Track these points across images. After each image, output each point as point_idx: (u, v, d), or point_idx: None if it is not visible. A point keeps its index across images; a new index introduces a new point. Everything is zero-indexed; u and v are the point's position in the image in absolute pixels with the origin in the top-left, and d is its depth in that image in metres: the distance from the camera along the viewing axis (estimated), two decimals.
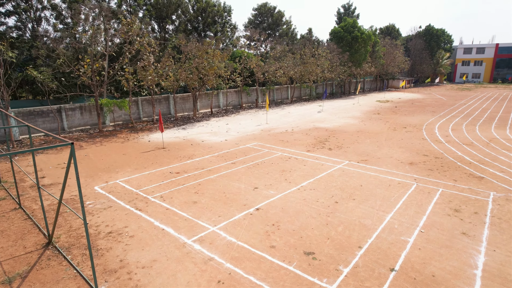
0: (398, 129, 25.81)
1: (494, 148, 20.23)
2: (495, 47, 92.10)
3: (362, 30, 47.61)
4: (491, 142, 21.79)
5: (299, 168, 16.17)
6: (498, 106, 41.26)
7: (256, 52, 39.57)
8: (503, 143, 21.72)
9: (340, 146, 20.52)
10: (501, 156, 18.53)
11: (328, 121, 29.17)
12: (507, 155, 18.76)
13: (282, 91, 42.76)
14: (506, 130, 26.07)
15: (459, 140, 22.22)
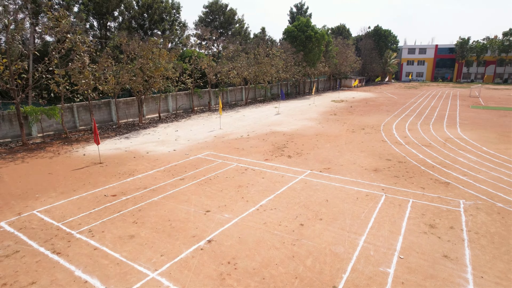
0: (357, 131, 25.05)
1: (451, 149, 19.95)
2: (434, 48, 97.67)
3: (316, 29, 47.18)
4: (447, 142, 21.61)
5: (257, 182, 14.38)
6: (444, 104, 42.72)
7: (208, 52, 37.29)
8: (458, 143, 21.63)
9: (300, 152, 19.08)
10: (460, 157, 18.17)
11: (285, 124, 27.80)
12: (465, 156, 18.47)
13: (236, 93, 40.90)
14: (457, 128, 26.37)
15: (417, 141, 21.81)
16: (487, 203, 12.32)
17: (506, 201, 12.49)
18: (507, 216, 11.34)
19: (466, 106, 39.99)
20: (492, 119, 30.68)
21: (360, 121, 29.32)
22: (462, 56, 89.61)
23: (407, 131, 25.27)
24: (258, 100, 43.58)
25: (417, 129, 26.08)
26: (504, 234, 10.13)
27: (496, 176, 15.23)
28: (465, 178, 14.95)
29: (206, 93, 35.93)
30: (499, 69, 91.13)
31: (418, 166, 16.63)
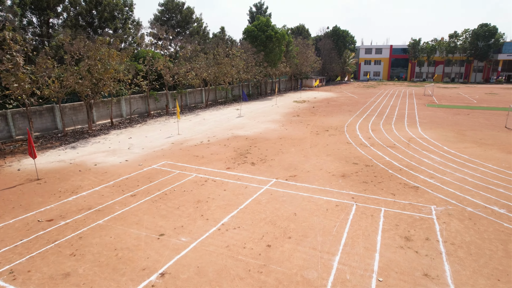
0: (321, 133, 24.46)
1: (415, 150, 19.82)
2: (389, 48, 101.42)
3: (276, 29, 46.53)
4: (410, 143, 21.55)
5: (218, 195, 13.05)
6: (402, 103, 43.77)
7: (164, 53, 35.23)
8: (420, 143, 21.64)
9: (264, 158, 17.99)
10: (425, 158, 18.00)
11: (247, 127, 26.64)
12: (429, 156, 18.35)
13: (195, 95, 39.14)
14: (418, 128, 26.66)
15: (382, 142, 21.55)
16: (457, 208, 11.91)
17: (475, 205, 12.17)
18: (478, 221, 10.94)
19: (422, 105, 41.18)
20: (448, 118, 31.54)
21: (324, 122, 28.87)
22: (415, 56, 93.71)
23: (371, 131, 25.09)
24: (219, 102, 42.11)
25: (380, 129, 26.01)
26: (479, 243, 9.63)
27: (461, 177, 15.06)
28: (433, 181, 14.61)
29: (163, 96, 33.90)
30: (447, 69, 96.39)
31: (385, 169, 16.14)
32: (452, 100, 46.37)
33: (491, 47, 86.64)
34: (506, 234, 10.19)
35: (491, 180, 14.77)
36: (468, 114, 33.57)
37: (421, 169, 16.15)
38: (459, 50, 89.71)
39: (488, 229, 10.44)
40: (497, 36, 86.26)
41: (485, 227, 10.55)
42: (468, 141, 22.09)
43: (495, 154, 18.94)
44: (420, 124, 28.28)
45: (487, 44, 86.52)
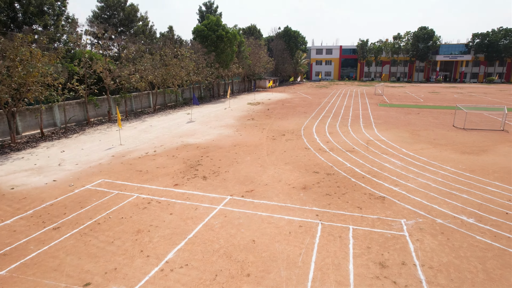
0: (278, 138, 23.16)
1: (375, 153, 19.16)
2: (339, 49, 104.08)
3: (227, 28, 44.76)
4: (369, 146, 20.94)
5: (163, 221, 11.05)
6: (355, 103, 44.13)
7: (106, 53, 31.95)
8: (379, 145, 21.13)
9: (217, 171, 16.19)
10: (386, 163, 17.31)
11: (199, 134, 24.63)
12: (389, 160, 17.72)
13: (142, 99, 36.18)
14: (374, 129, 26.39)
15: (341, 146, 20.69)
16: (427, 220, 11.04)
17: (444, 215, 11.39)
18: (451, 236, 10.09)
19: (375, 105, 41.74)
20: (400, 117, 31.89)
21: (280, 126, 27.66)
22: (363, 56, 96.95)
23: (328, 134, 24.27)
24: (169, 106, 39.44)
25: (337, 132, 25.31)
26: (457, 263, 8.68)
27: (424, 183, 14.41)
28: (398, 189, 13.78)
29: (105, 101, 30.69)
30: (393, 69, 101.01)
31: (348, 177, 15.09)
32: (401, 99, 47.76)
33: (430, 48, 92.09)
34: (481, 249, 9.38)
35: (453, 184, 14.28)
36: (418, 113, 34.31)
37: (384, 176, 15.33)
38: (402, 51, 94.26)
39: (462, 245, 9.58)
40: (434, 38, 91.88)
41: (459, 243, 9.69)
42: (423, 142, 21.99)
43: (450, 155, 18.81)
44: (376, 125, 28.11)
45: (427, 46, 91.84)
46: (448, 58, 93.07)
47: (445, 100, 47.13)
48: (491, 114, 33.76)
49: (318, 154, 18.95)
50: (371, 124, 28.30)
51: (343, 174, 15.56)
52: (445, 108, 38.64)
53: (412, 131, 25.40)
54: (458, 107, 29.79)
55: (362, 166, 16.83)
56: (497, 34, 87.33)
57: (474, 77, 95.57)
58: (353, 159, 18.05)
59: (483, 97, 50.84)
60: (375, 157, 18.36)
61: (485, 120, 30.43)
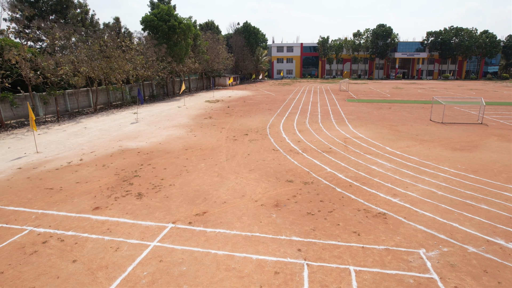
0: (239, 138, 19.32)
1: (357, 154, 15.91)
2: (300, 46, 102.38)
3: (180, 19, 40.19)
4: (347, 144, 17.71)
5: (55, 277, 6.81)
6: (322, 99, 41.38)
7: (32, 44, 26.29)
8: (358, 143, 17.96)
9: (159, 184, 12.03)
10: (372, 165, 14.07)
11: (144, 136, 20.18)
12: (376, 161, 14.50)
13: (80, 97, 30.77)
14: (348, 125, 23.36)
15: (315, 146, 17.26)
16: (454, 249, 7.73)
17: (472, 239, 8.17)
18: (500, 274, 6.81)
19: (342, 100, 39.17)
20: (373, 112, 29.30)
21: (242, 124, 23.83)
22: (324, 54, 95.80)
23: (298, 133, 20.81)
24: (114, 106, 34.22)
25: (307, 129, 21.93)
26: None
27: (428, 191, 11.24)
28: (398, 200, 10.45)
29: (27, 99, 25.10)
30: (353, 66, 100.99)
31: (331, 187, 11.57)
32: (368, 95, 45.81)
33: (388, 46, 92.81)
34: None
35: (463, 191, 11.23)
36: (390, 108, 32.01)
37: (376, 183, 12.00)
38: (363, 48, 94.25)
39: None
40: (393, 36, 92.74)
41: None
42: (406, 138, 19.18)
43: (441, 153, 16.00)
44: (349, 120, 25.14)
45: (385, 43, 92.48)
46: (406, 56, 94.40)
47: (411, 95, 45.83)
48: (462, 107, 32.22)
49: (290, 157, 15.34)
50: (343, 120, 25.29)
51: (324, 183, 12.02)
52: (417, 102, 36.88)
53: (390, 127, 22.66)
54: (437, 101, 27.66)
55: (346, 170, 13.42)
56: (449, 33, 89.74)
57: (429, 74, 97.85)
58: (332, 161, 14.62)
59: (445, 92, 50.34)
60: (359, 158, 15.08)
61: (459, 114, 28.60)
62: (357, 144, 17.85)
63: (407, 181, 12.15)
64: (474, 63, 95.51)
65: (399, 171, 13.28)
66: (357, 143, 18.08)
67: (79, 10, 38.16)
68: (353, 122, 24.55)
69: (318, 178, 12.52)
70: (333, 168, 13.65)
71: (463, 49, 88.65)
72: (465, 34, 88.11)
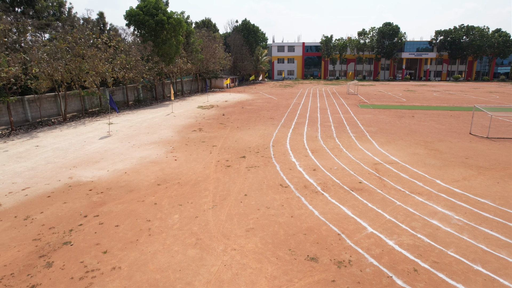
0: (234, 163, 14.51)
1: (399, 193, 11.11)
2: (302, 46, 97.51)
3: (169, 13, 35.36)
4: (381, 176, 12.91)
5: None
6: (330, 104, 36.55)
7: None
8: (395, 173, 13.17)
9: (94, 268, 7.19)
10: (432, 217, 9.26)
11: (108, 160, 15.35)
12: (434, 210, 9.67)
13: (46, 104, 25.88)
14: (372, 142, 18.56)
15: (338, 178, 12.45)
16: None
17: None
18: None
19: (354, 106, 34.32)
20: (395, 122, 24.48)
21: (238, 140, 19.02)
22: (328, 53, 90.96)
23: (311, 154, 15.99)
24: (90, 113, 29.36)
25: (322, 148, 17.11)
26: None
27: None
28: None
29: None
30: (358, 67, 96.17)
31: (385, 275, 6.75)
32: (380, 99, 41.00)
33: (395, 45, 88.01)
34: None
35: None
36: (413, 117, 27.19)
37: (455, 261, 7.21)
38: (368, 48, 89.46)
39: None
40: (399, 35, 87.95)
41: None
42: (454, 164, 14.39)
43: None
44: (371, 134, 20.32)
45: (392, 43, 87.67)
46: (413, 56, 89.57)
47: (428, 99, 41.02)
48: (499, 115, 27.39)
49: (306, 201, 10.52)
50: (364, 134, 20.47)
51: (369, 262, 7.23)
52: (441, 108, 32.08)
53: (425, 145, 17.86)
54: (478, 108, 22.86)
55: (397, 230, 8.62)
56: (459, 32, 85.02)
57: (437, 75, 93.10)
58: (371, 210, 9.81)
59: (465, 96, 45.51)
60: (406, 203, 10.27)
61: (499, 124, 23.81)
62: (393, 174, 13.04)
63: (503, 257, 7.36)
64: (484, 63, 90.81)
65: (479, 232, 8.50)
66: (393, 172, 13.28)
67: (51, 3, 33.17)
68: (377, 136, 19.75)
69: (357, 249, 7.71)
70: (375, 226, 8.84)
71: (474, 49, 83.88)
72: (476, 32, 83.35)
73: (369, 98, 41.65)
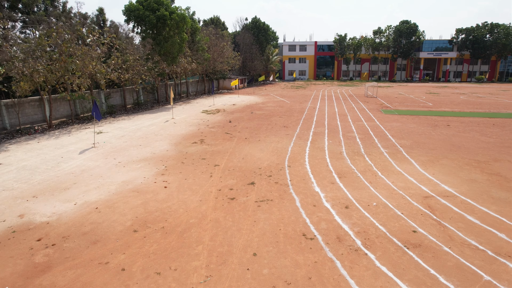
0: (240, 195, 11.16)
1: (480, 254, 7.63)
2: (314, 45, 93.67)
3: (172, 8, 32.22)
4: (439, 219, 9.42)
5: None
6: (349, 108, 32.94)
7: None
8: (459, 215, 9.65)
9: None
10: None
11: (81, 186, 12.16)
12: None
13: (29, 109, 22.90)
14: (411, 161, 15.01)
15: (380, 222, 9.00)
16: None
17: None
18: None
19: (377, 111, 30.66)
20: (430, 134, 20.83)
21: (246, 158, 15.67)
22: (341, 53, 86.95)
23: (339, 180, 12.54)
24: (82, 119, 26.36)
25: (351, 171, 13.63)
26: None
27: None
28: None
29: None
30: (373, 67, 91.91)
31: None
32: (403, 103, 37.19)
33: (413, 44, 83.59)
34: None
35: None
36: (449, 126, 23.46)
37: None
38: (383, 47, 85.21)
39: None
40: (418, 33, 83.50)
41: None
42: None
43: None
44: (406, 150, 16.74)
45: (409, 42, 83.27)
46: (432, 55, 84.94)
47: (457, 103, 37.06)
48: None
49: (345, 270, 7.10)
50: (397, 150, 16.91)
51: None
52: (477, 115, 28.18)
53: (478, 166, 14.24)
54: None
55: None
56: (482, 30, 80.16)
57: (457, 76, 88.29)
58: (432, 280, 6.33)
59: (496, 99, 41.28)
60: (501, 279, 6.76)
61: None
62: (456, 216, 9.52)
63: None
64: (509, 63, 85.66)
65: None
66: (454, 212, 9.75)
67: None
68: (414, 153, 16.16)
69: None
70: None
71: (499, 48, 78.94)
72: (501, 30, 78.37)
73: (391, 102, 37.85)
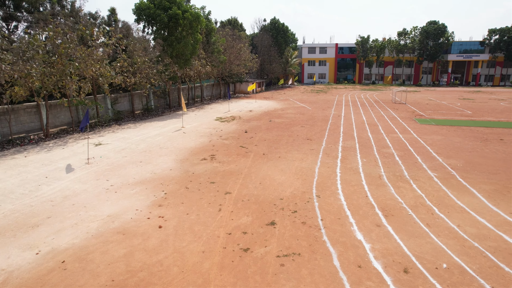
0: (255, 243, 8.37)
1: None
2: (335, 47, 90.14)
3: (185, 6, 29.88)
4: None
5: None
6: (378, 117, 29.69)
7: None
8: None
9: None
10: None
11: (55, 221, 9.67)
12: None
13: (25, 116, 20.83)
14: (474, 193, 11.85)
15: None
16: None
17: None
18: None
19: (410, 120, 27.29)
20: (483, 151, 17.48)
21: (264, 182, 12.87)
22: (364, 55, 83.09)
23: (385, 221, 9.56)
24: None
25: (399, 205, 10.62)
26: None
27: None
28: None
29: None
30: (396, 70, 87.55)
31: None
32: (437, 110, 33.59)
33: (441, 46, 78.92)
34: None
35: None
36: (502, 140, 20.00)
37: None
38: (408, 50, 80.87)
39: None
40: (446, 34, 78.83)
41: None
42: None
43: None
44: (460, 174, 13.53)
45: (437, 43, 78.65)
46: (462, 58, 79.93)
47: (499, 111, 33.18)
48: None
49: None
50: (448, 173, 13.72)
51: None
52: None
53: None
54: None
55: None
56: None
57: (489, 80, 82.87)
58: None
59: None
60: None
61: None
62: None
63: None
64: None
65: None
66: None
67: None
68: (472, 179, 12.97)
69: None
70: None
71: None
72: None
73: (423, 109, 34.29)
